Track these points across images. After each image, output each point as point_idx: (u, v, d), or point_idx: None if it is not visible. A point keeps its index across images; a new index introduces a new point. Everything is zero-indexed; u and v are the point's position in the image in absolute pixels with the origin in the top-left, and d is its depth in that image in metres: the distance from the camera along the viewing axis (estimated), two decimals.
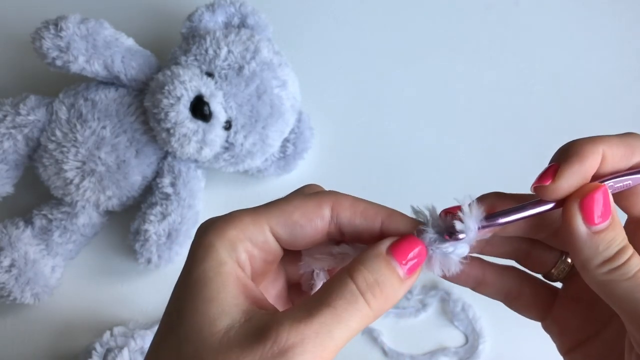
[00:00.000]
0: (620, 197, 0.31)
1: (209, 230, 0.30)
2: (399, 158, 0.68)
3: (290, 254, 0.32)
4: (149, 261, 0.60)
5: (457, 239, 0.29)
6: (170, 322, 0.29)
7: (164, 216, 0.60)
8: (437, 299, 0.61)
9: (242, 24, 0.66)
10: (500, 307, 0.37)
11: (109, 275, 0.64)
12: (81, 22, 0.59)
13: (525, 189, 0.32)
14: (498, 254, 0.35)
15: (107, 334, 0.57)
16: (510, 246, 0.35)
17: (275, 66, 0.62)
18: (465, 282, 0.35)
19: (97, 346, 0.56)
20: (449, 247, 0.30)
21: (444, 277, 0.31)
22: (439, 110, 0.71)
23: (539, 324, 0.37)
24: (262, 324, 0.27)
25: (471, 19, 0.75)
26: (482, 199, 0.32)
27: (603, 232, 0.29)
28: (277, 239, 0.31)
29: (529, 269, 0.36)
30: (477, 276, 0.35)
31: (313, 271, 0.33)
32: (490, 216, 0.30)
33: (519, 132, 0.69)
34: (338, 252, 0.31)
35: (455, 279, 0.32)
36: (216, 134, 0.59)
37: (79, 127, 0.60)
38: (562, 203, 0.30)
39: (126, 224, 0.63)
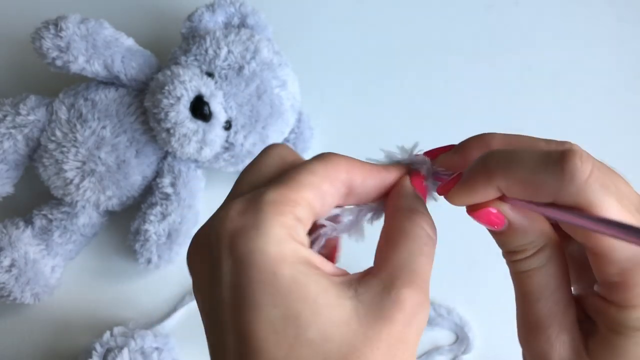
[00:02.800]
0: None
1: (272, 220, 0.27)
2: None
3: None
4: (149, 261, 0.60)
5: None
6: (281, 338, 0.25)
7: (164, 216, 0.60)
8: None
9: (242, 24, 0.66)
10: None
11: (109, 275, 0.64)
12: (81, 22, 0.59)
13: None
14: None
15: (107, 334, 0.57)
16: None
17: (275, 66, 0.62)
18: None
19: (97, 346, 0.56)
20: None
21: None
22: (438, 110, 0.71)
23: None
24: (369, 297, 0.27)
25: (471, 19, 0.75)
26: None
27: (499, 234, 0.31)
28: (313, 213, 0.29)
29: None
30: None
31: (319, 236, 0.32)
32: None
33: (518, 132, 0.69)
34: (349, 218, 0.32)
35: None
36: (216, 134, 0.59)
37: (79, 127, 0.60)
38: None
39: (126, 224, 0.63)
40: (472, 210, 0.31)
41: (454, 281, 0.60)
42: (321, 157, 0.31)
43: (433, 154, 0.37)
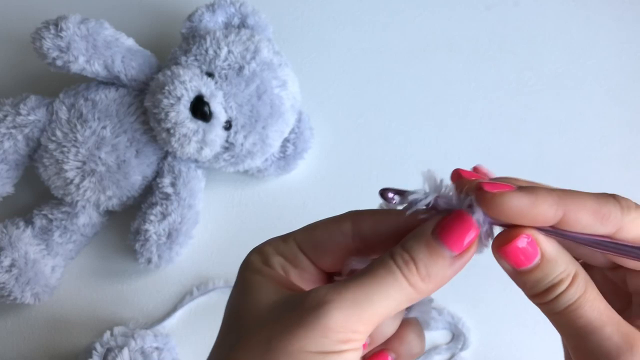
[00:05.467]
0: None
1: (250, 252, 0.32)
2: (399, 158, 0.68)
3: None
4: (149, 261, 0.60)
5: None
6: (222, 326, 0.30)
7: (164, 216, 0.60)
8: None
9: (242, 24, 0.66)
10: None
11: (109, 275, 0.64)
12: (81, 22, 0.59)
13: None
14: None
15: (107, 334, 0.57)
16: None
17: (275, 66, 0.62)
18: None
19: (97, 346, 0.56)
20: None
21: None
22: (438, 110, 0.71)
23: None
24: (302, 294, 0.28)
25: (471, 19, 0.75)
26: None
27: (529, 272, 0.28)
28: (307, 257, 0.31)
29: None
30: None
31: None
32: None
33: (518, 132, 0.69)
34: (353, 267, 0.31)
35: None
36: (216, 134, 0.59)
37: (79, 127, 0.60)
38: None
39: (126, 224, 0.63)
40: (503, 243, 0.28)
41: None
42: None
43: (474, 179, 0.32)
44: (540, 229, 0.28)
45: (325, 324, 0.26)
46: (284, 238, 0.32)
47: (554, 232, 0.28)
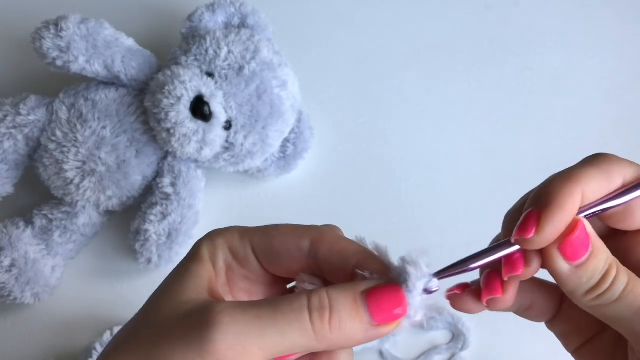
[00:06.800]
0: (606, 218, 0.31)
1: (205, 236, 0.31)
2: (399, 158, 0.68)
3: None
4: (149, 261, 0.60)
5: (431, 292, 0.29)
6: (147, 300, 0.30)
7: (164, 216, 0.60)
8: None
9: (242, 24, 0.66)
10: None
11: (109, 275, 0.64)
12: (81, 22, 0.59)
13: (525, 189, 0.32)
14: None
15: (107, 334, 0.57)
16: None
17: (275, 66, 0.62)
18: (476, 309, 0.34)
19: (97, 346, 0.56)
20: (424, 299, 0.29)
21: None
22: (438, 110, 0.71)
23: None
24: (205, 305, 0.27)
25: (471, 19, 0.75)
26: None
27: (584, 264, 0.28)
28: (258, 260, 0.31)
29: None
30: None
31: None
32: (459, 263, 0.30)
33: (518, 132, 0.69)
34: (304, 288, 0.30)
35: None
36: (216, 134, 0.59)
37: (79, 127, 0.60)
38: None
39: (126, 224, 0.63)
40: (562, 237, 0.28)
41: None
42: (324, 229, 0.32)
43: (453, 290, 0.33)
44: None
45: (204, 346, 0.25)
46: (242, 234, 0.31)
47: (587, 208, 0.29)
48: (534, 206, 0.29)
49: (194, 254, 0.30)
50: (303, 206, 0.66)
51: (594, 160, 0.30)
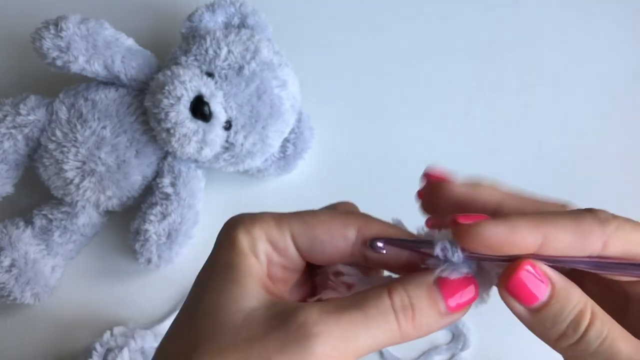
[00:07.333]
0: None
1: (236, 225, 0.30)
2: (399, 158, 0.68)
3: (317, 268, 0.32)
4: (149, 261, 0.60)
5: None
6: (192, 301, 0.28)
7: (164, 216, 0.60)
8: None
9: (242, 24, 0.66)
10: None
11: (109, 275, 0.64)
12: (81, 22, 0.59)
13: (525, 189, 0.32)
14: None
15: (107, 334, 0.57)
16: None
17: (275, 66, 0.62)
18: None
19: (97, 346, 0.56)
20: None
21: None
22: (438, 110, 0.71)
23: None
24: (288, 310, 0.26)
25: (471, 19, 0.75)
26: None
27: (544, 308, 0.27)
28: (298, 249, 0.30)
29: None
30: None
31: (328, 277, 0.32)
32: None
33: (519, 132, 0.69)
34: (344, 281, 0.30)
35: None
36: (216, 134, 0.59)
37: (79, 127, 0.60)
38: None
39: (126, 224, 0.63)
40: (507, 279, 0.27)
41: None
42: (342, 208, 0.32)
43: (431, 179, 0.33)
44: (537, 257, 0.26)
45: (307, 357, 0.25)
46: (279, 223, 0.30)
47: (546, 258, 0.27)
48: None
49: (233, 247, 0.29)
50: (303, 206, 0.65)
51: (580, 215, 0.27)
